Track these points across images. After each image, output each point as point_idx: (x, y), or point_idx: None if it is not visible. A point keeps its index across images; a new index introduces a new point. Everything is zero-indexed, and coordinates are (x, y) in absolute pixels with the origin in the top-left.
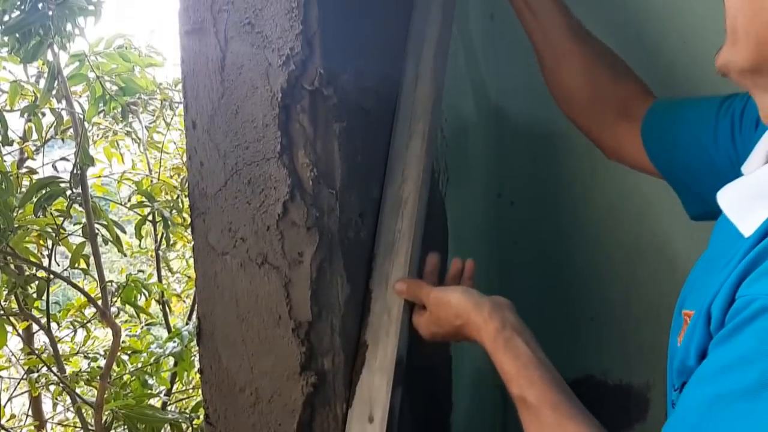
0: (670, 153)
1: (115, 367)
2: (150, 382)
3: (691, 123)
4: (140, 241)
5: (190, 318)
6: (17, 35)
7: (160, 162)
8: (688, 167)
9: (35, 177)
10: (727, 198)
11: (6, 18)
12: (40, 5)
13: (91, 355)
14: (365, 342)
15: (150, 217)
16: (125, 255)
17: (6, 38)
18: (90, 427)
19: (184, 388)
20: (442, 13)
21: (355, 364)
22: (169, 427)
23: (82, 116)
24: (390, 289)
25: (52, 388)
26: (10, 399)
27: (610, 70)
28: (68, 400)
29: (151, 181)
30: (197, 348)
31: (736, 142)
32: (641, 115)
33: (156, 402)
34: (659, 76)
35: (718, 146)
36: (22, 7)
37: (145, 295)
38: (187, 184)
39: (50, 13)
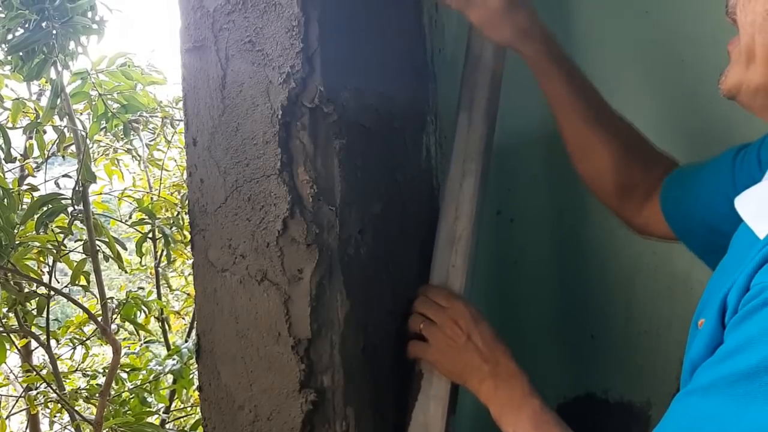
0: (690, 216)
1: (113, 384)
2: (149, 399)
3: (709, 180)
4: (141, 258)
5: (189, 335)
6: (21, 53)
7: (161, 179)
8: (710, 225)
9: (36, 194)
10: (745, 203)
11: (10, 36)
12: (44, 24)
13: (89, 373)
14: (420, 371)
15: (150, 234)
16: (126, 272)
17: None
18: None
19: (182, 405)
20: (493, 58)
21: (411, 391)
22: None
23: (84, 133)
24: None
25: (50, 405)
26: (8, 416)
27: (640, 156)
28: (66, 418)
29: (152, 198)
30: (196, 365)
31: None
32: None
33: (155, 420)
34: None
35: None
36: (27, 25)
37: (144, 312)
38: (187, 201)
39: (54, 31)
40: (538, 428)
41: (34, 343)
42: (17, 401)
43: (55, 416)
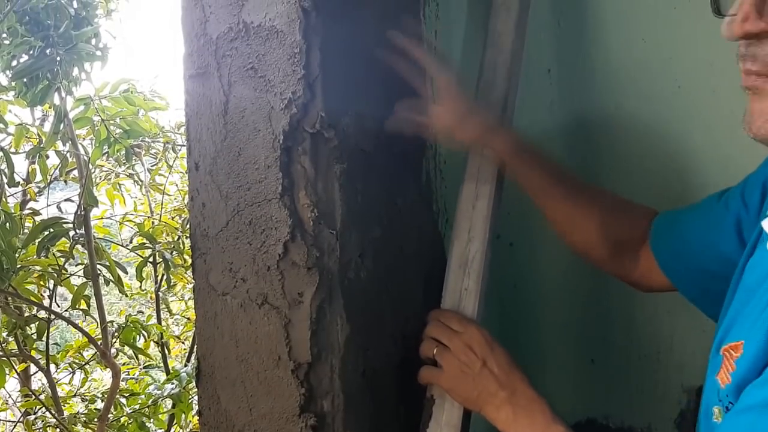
0: (683, 260)
1: (112, 409)
2: (148, 424)
3: (696, 225)
4: (141, 282)
5: (188, 359)
6: (25, 79)
7: (162, 204)
8: (703, 268)
9: (38, 218)
10: None
11: (14, 63)
12: (48, 51)
13: (88, 397)
14: (432, 397)
15: (151, 259)
16: (126, 296)
17: (13, 82)
18: None
19: (182, 430)
20: (508, 79)
21: (422, 418)
22: None
23: (86, 158)
24: None
25: (48, 430)
26: None
27: (621, 213)
28: None
29: (153, 222)
30: (196, 390)
31: (742, 227)
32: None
33: None
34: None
35: (727, 237)
36: (31, 52)
37: (144, 336)
38: (188, 226)
39: (58, 58)
40: None
41: (33, 368)
42: (15, 426)
43: None
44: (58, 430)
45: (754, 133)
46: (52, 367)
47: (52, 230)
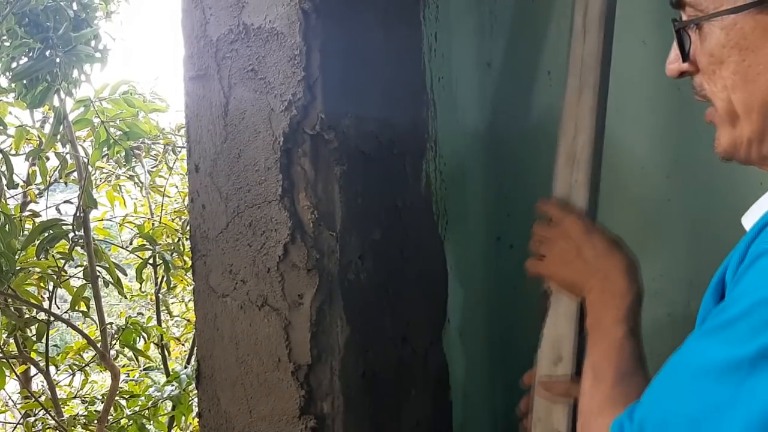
0: None
1: (112, 411)
2: (148, 426)
3: None
4: (141, 284)
5: (188, 361)
6: (24, 81)
7: (162, 205)
8: None
9: (38, 220)
10: (751, 217)
11: (14, 65)
12: (48, 52)
13: (88, 399)
14: (548, 289)
15: (151, 261)
16: (126, 298)
17: (13, 84)
18: None
19: None
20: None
21: (541, 310)
22: None
23: (86, 160)
24: None
25: None
26: None
27: None
28: None
29: (153, 224)
30: (196, 392)
31: None
32: None
33: None
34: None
35: None
36: (31, 53)
37: (144, 338)
38: (188, 227)
39: (58, 60)
40: (608, 360)
41: (33, 370)
42: (15, 428)
43: None
44: (57, 431)
45: (720, 157)
46: (52, 369)
47: (51, 232)
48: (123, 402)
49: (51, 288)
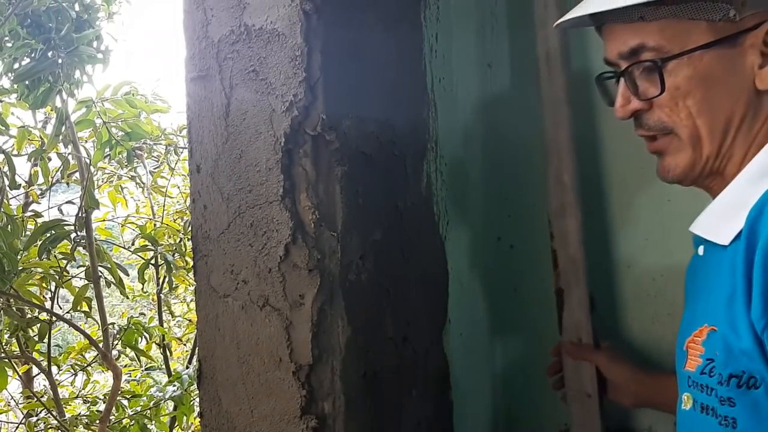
0: None
1: (114, 411)
2: (149, 426)
3: None
4: (143, 284)
5: (190, 362)
6: (27, 82)
7: (164, 206)
8: None
9: (40, 220)
10: (700, 225)
11: (16, 65)
12: (50, 53)
13: (90, 399)
14: (561, 288)
15: (153, 261)
16: (128, 298)
17: (15, 85)
18: None
19: None
20: None
21: (557, 303)
22: None
23: (88, 161)
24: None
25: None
26: None
27: None
28: None
29: (155, 224)
30: (197, 392)
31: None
32: None
33: None
34: None
35: None
36: (33, 54)
37: (146, 338)
38: (190, 228)
39: (60, 61)
40: None
41: (35, 370)
42: (17, 427)
43: None
44: (59, 431)
45: (669, 181)
46: (54, 369)
47: (53, 232)
48: (125, 402)
49: (53, 288)
